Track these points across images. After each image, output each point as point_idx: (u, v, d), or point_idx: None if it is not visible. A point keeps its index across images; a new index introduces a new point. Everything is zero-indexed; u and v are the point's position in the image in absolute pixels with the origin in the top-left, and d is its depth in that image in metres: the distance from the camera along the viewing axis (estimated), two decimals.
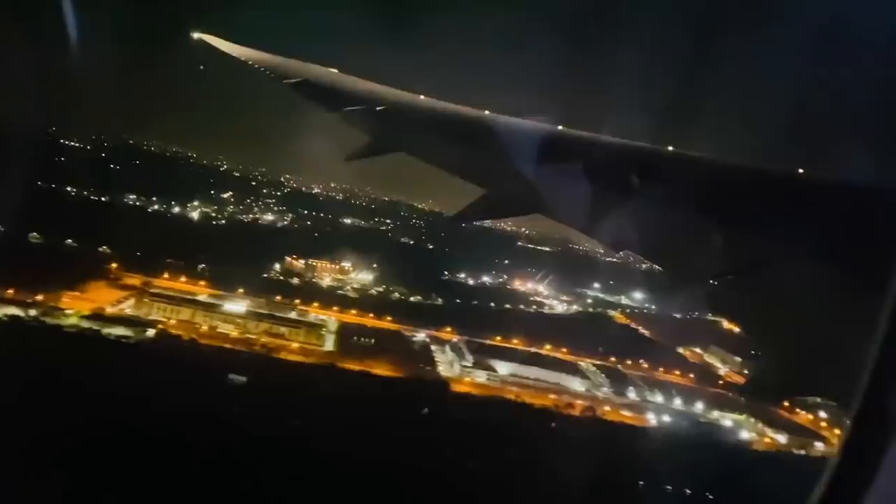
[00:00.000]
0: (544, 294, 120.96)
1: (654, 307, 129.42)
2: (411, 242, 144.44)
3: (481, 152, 9.06)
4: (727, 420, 72.79)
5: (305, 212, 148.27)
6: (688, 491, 54.32)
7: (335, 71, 14.54)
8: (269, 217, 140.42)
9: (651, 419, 69.44)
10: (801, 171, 5.71)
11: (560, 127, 8.43)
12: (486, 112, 10.01)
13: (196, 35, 18.30)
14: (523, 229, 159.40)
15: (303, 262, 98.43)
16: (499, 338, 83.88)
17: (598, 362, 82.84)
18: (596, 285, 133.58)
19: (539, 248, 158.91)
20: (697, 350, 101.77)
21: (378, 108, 11.42)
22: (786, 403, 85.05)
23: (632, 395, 74.76)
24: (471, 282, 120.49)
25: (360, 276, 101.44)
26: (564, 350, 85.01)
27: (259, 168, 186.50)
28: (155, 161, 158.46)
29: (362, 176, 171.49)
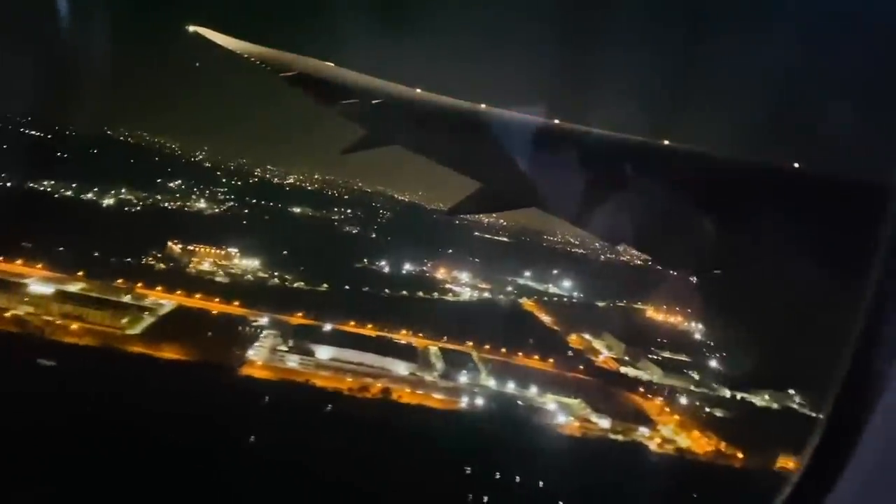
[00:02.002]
0: (462, 282, 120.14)
1: (580, 296, 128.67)
2: (354, 231, 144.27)
3: (477, 146, 9.01)
4: (553, 403, 71.80)
5: (254, 201, 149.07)
6: (468, 469, 54.18)
7: (331, 64, 14.40)
8: (201, 205, 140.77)
9: (462, 402, 68.96)
10: (795, 164, 5.63)
11: (556, 120, 8.44)
12: (482, 105, 9.97)
13: (191, 28, 17.98)
14: (501, 220, 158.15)
15: (180, 247, 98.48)
16: (353, 323, 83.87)
17: (447, 347, 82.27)
18: (527, 273, 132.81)
19: (497, 238, 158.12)
20: (588, 336, 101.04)
21: (374, 102, 11.36)
22: (641, 389, 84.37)
23: (462, 378, 74.13)
24: (387, 270, 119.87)
25: (244, 263, 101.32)
26: (421, 335, 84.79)
27: (238, 159, 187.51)
28: (116, 151, 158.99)
29: (355, 169, 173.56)
